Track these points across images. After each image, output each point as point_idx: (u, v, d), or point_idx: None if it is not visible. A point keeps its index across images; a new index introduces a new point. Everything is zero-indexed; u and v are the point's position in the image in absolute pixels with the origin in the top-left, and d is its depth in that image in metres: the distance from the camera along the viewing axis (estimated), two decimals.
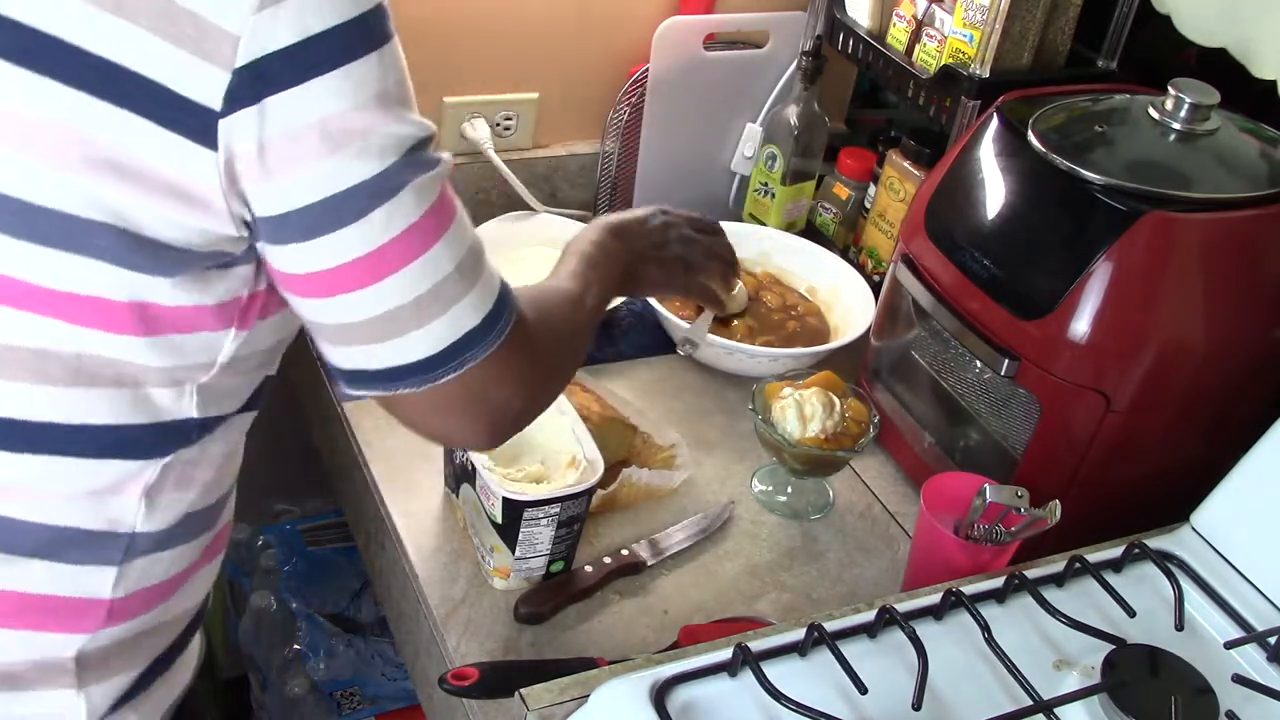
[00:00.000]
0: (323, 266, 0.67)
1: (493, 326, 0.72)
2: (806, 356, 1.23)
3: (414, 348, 0.70)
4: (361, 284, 0.67)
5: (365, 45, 0.64)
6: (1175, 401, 0.98)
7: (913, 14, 1.28)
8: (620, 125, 1.47)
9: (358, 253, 0.66)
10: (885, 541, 1.11)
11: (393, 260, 0.67)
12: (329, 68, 0.63)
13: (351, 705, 1.52)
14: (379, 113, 0.65)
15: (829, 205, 1.49)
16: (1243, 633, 0.85)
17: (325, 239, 0.66)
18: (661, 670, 0.73)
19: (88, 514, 0.72)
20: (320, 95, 0.63)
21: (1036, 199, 1.01)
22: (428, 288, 0.69)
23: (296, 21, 0.61)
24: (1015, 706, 0.75)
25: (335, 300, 0.68)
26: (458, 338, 0.71)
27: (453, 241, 0.70)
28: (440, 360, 0.70)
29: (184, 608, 0.83)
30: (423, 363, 0.70)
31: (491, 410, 0.74)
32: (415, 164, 0.67)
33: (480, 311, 0.72)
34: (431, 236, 0.68)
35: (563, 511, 0.94)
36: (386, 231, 0.66)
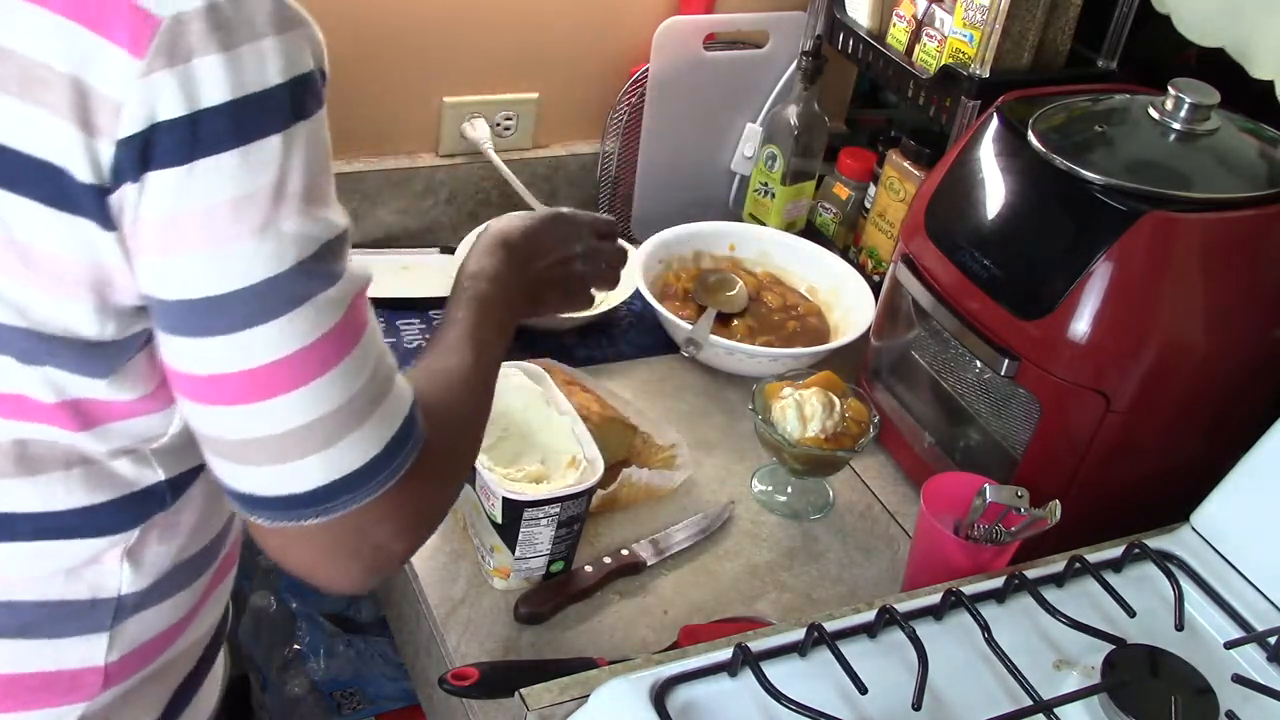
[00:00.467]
0: (204, 371, 0.60)
1: (389, 462, 0.64)
2: (806, 356, 1.23)
3: (301, 478, 0.62)
4: (243, 399, 0.60)
5: (273, 124, 0.56)
6: (1175, 401, 0.98)
7: (913, 14, 1.28)
8: (620, 125, 1.47)
9: (240, 365, 0.59)
10: (885, 541, 1.11)
11: (281, 381, 0.60)
12: (222, 148, 0.55)
13: (351, 705, 1.52)
14: (279, 205, 0.57)
15: (829, 205, 1.49)
16: (1243, 633, 0.85)
17: (209, 341, 0.59)
18: (661, 670, 0.73)
19: (67, 587, 0.67)
20: (209, 178, 0.55)
21: (1036, 199, 1.01)
22: (318, 415, 0.61)
23: (186, 91, 0.54)
24: (1015, 706, 0.75)
25: (213, 411, 0.61)
26: (348, 472, 0.63)
27: (353, 368, 0.62)
28: (326, 494, 0.62)
29: (195, 639, 0.79)
30: (308, 495, 0.62)
31: (373, 552, 0.66)
32: (318, 274, 0.59)
33: (376, 445, 0.64)
34: (331, 360, 0.61)
35: (563, 511, 0.94)
36: (275, 348, 0.59)
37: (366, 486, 0.63)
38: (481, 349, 0.80)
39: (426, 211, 1.44)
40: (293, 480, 0.62)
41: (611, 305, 1.30)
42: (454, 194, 1.45)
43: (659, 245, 1.35)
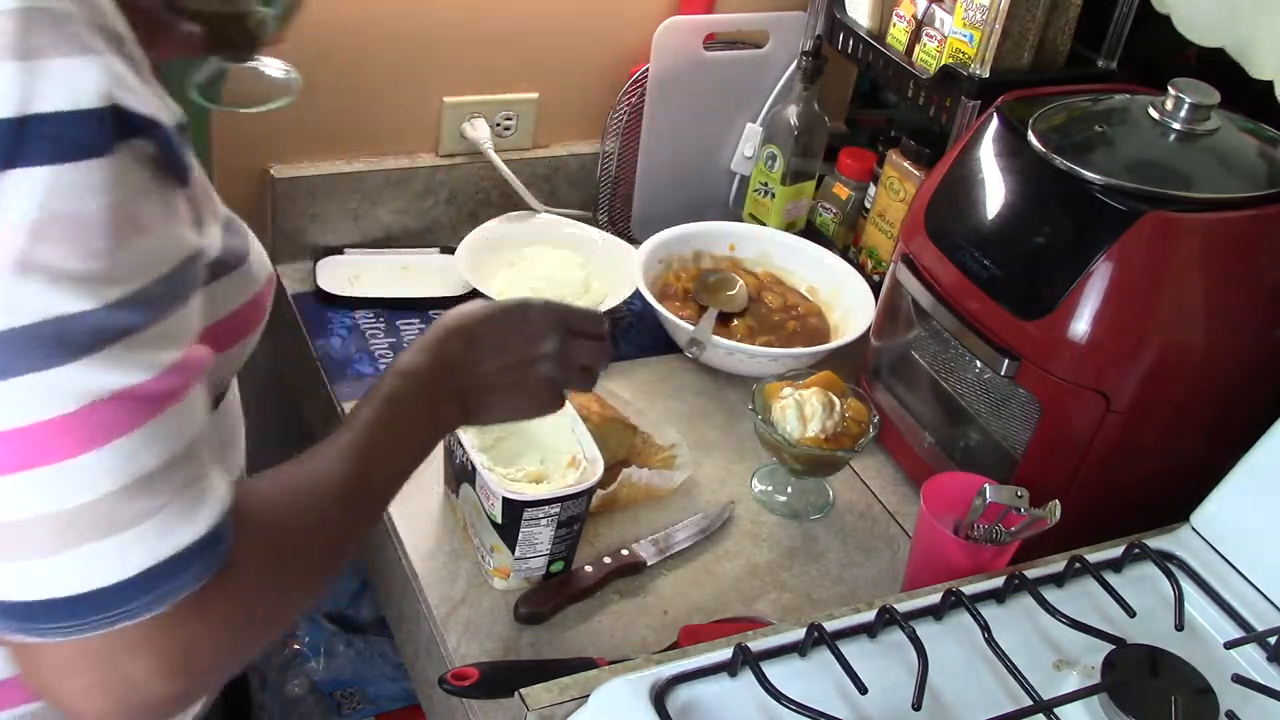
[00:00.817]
0: None
1: (158, 584, 0.53)
2: (806, 356, 1.23)
3: (35, 583, 0.52)
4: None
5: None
6: (1175, 401, 0.98)
7: (913, 14, 1.28)
8: (620, 125, 1.47)
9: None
10: (885, 541, 1.11)
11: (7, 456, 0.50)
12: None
13: (351, 705, 1.52)
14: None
15: (829, 205, 1.49)
16: (1243, 633, 0.85)
17: None
18: (661, 670, 0.73)
19: None
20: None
21: (1036, 199, 1.01)
22: (58, 508, 0.51)
23: None
24: (1015, 706, 0.75)
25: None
26: (96, 587, 0.52)
27: (110, 460, 0.51)
28: (65, 609, 0.51)
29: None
30: (39, 606, 0.52)
31: (125, 688, 0.54)
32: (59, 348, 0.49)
33: (140, 560, 0.53)
34: (70, 447, 0.50)
35: (563, 511, 0.94)
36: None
37: (123, 608, 0.52)
38: (375, 461, 0.69)
39: (426, 211, 1.44)
40: (23, 585, 0.52)
41: (611, 305, 1.30)
42: (454, 194, 1.45)
43: (659, 245, 1.35)
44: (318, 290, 1.30)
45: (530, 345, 0.80)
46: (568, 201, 1.51)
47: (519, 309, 0.81)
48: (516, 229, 1.40)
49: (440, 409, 0.76)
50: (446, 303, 1.31)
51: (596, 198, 1.52)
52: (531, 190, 1.45)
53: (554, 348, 0.80)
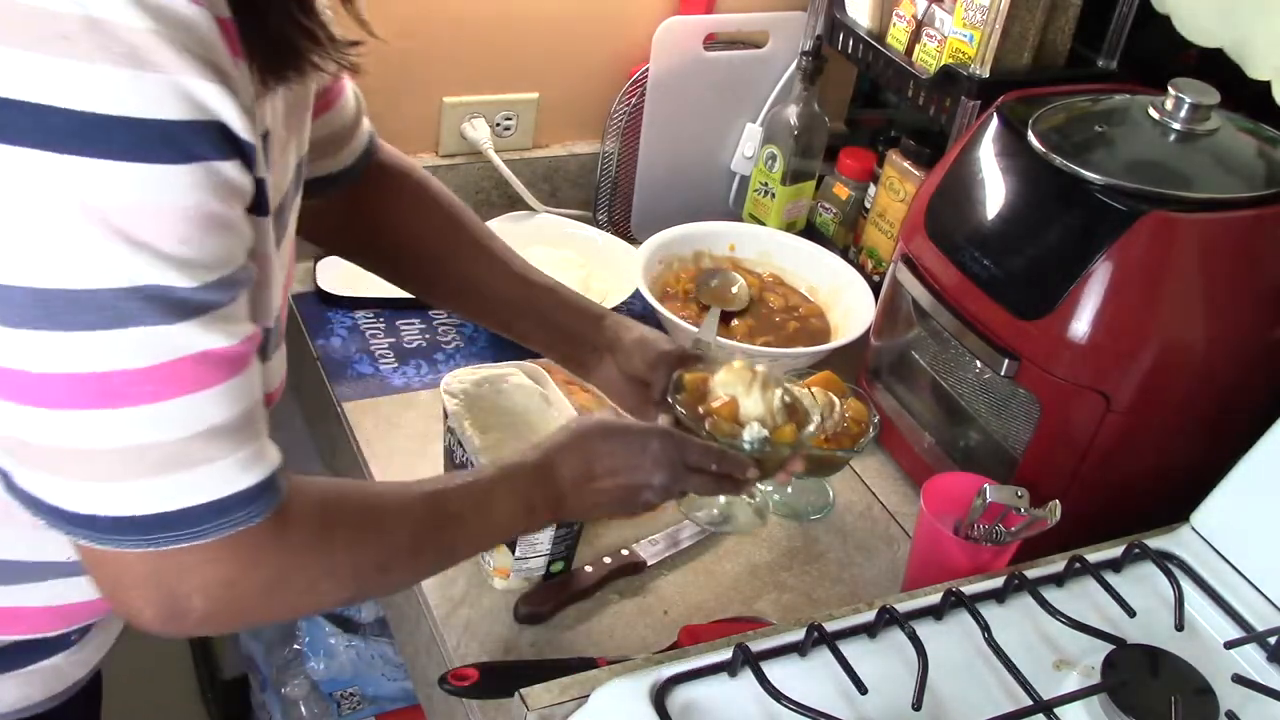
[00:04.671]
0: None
1: (215, 515, 0.62)
2: (806, 356, 1.23)
3: (111, 502, 0.60)
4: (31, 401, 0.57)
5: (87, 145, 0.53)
6: (1175, 401, 0.98)
7: (913, 14, 1.28)
8: (620, 125, 1.48)
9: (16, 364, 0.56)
10: (885, 541, 1.11)
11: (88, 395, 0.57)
12: (12, 139, 0.52)
13: (351, 705, 1.52)
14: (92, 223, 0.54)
15: (829, 205, 1.49)
16: (1243, 633, 0.85)
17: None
18: (661, 670, 0.73)
19: None
20: (25, 167, 0.52)
21: (1036, 199, 1.01)
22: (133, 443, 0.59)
23: (9, 74, 0.52)
24: (1015, 706, 0.75)
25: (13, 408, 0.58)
26: (172, 509, 0.60)
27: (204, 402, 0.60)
28: (120, 526, 0.60)
29: None
30: (95, 519, 0.60)
31: (172, 601, 0.63)
32: (148, 311, 0.57)
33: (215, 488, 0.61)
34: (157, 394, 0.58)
35: None
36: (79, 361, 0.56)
37: (182, 532, 0.61)
38: (450, 517, 0.77)
39: None
40: (106, 502, 0.60)
41: (612, 305, 1.30)
42: (454, 194, 1.45)
43: (659, 245, 1.35)
44: (318, 290, 1.30)
45: (642, 474, 0.85)
46: (568, 201, 1.51)
47: (643, 437, 0.85)
48: (516, 229, 1.40)
49: (536, 508, 0.82)
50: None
51: (596, 198, 1.52)
52: (531, 190, 1.45)
53: (663, 481, 0.85)
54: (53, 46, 0.51)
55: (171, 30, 0.53)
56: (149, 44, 0.53)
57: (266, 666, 1.56)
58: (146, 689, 1.75)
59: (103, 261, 0.55)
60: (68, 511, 0.60)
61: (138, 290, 0.56)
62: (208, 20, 0.55)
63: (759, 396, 0.92)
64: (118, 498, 0.59)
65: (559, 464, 0.82)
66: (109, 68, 0.52)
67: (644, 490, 0.85)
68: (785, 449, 0.92)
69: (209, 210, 0.57)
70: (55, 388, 0.56)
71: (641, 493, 0.85)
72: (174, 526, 0.61)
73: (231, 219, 0.59)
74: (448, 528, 0.77)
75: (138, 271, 0.55)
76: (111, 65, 0.52)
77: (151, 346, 0.57)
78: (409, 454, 1.10)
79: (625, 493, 0.85)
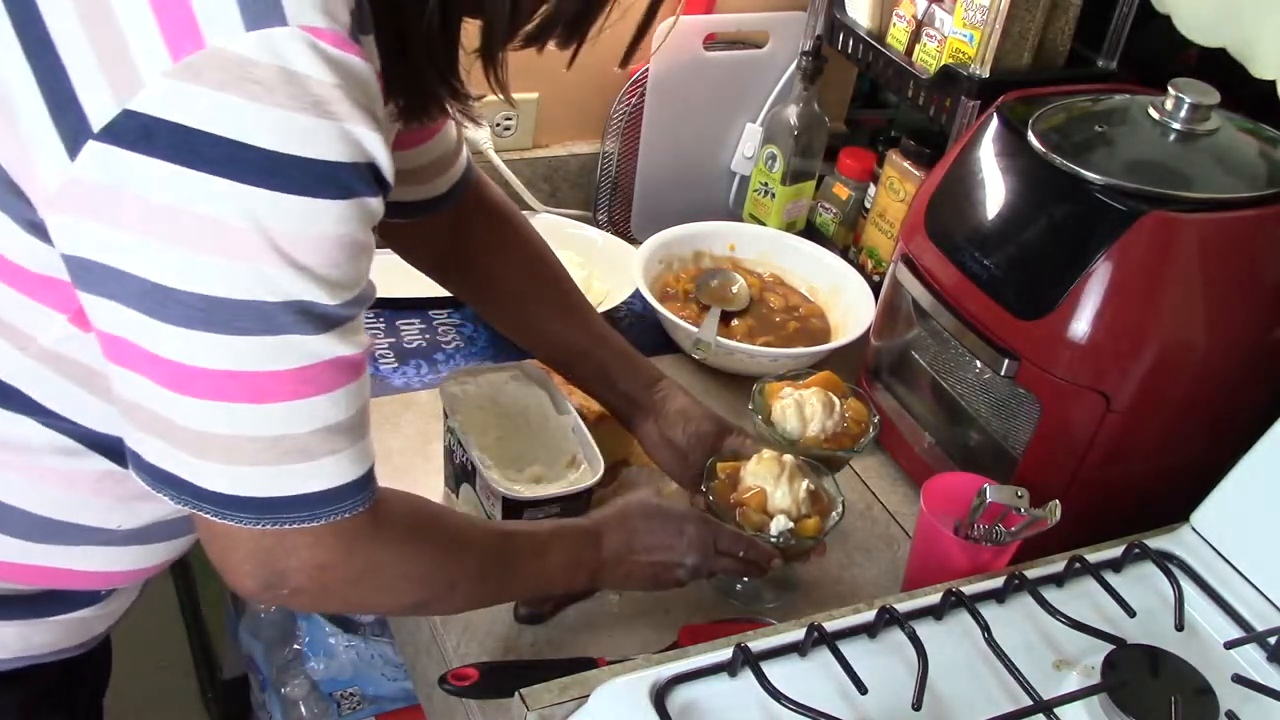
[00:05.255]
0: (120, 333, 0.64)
1: (321, 504, 0.69)
2: (806, 356, 1.23)
3: (234, 481, 0.67)
4: (159, 381, 0.64)
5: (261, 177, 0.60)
6: (1175, 401, 0.98)
7: (913, 14, 1.28)
8: (620, 125, 1.48)
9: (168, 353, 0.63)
10: (885, 541, 1.11)
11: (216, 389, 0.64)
12: (204, 166, 0.59)
13: (351, 705, 1.52)
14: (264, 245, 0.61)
15: (829, 205, 1.49)
16: (1243, 633, 0.85)
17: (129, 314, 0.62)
18: (661, 670, 0.73)
19: None
20: (208, 190, 0.60)
21: (1036, 199, 1.01)
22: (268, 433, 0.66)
23: (195, 107, 0.58)
24: (1015, 706, 0.75)
25: (125, 374, 0.65)
26: (287, 494, 0.67)
27: (329, 402, 0.67)
28: (244, 505, 0.67)
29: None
30: (222, 497, 0.67)
31: (273, 575, 0.70)
32: (299, 323, 0.64)
33: (329, 478, 0.68)
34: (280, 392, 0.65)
35: (563, 511, 0.94)
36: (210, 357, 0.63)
37: (293, 514, 0.68)
38: (508, 559, 0.83)
39: None
40: (230, 482, 0.67)
41: (612, 305, 1.31)
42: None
43: (659, 245, 1.35)
44: None
45: (676, 554, 0.91)
46: (568, 201, 1.51)
47: (680, 521, 0.92)
48: None
49: (580, 569, 0.88)
50: (446, 303, 1.31)
51: (596, 198, 1.53)
52: (531, 190, 1.45)
53: (695, 563, 0.92)
54: (250, 90, 0.58)
55: (349, 84, 0.61)
56: (333, 96, 0.60)
57: (266, 666, 1.56)
58: (147, 688, 1.76)
59: (267, 278, 0.62)
60: (200, 488, 0.67)
61: (292, 304, 0.63)
62: (372, 75, 0.63)
63: (787, 488, 0.97)
64: (247, 479, 0.66)
65: (605, 534, 0.89)
66: (296, 115, 0.59)
67: (676, 569, 0.92)
68: (809, 542, 0.97)
69: (355, 238, 0.64)
70: (210, 381, 0.63)
71: (674, 570, 0.92)
72: (289, 509, 0.68)
73: (368, 244, 0.67)
74: (510, 565, 0.84)
75: (294, 289, 0.63)
76: (298, 112, 0.59)
77: (297, 353, 0.64)
78: (408, 454, 1.10)
79: (659, 569, 0.91)
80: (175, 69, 0.58)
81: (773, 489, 0.97)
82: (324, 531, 0.70)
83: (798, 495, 0.97)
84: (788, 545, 0.95)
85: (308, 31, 0.59)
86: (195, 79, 0.58)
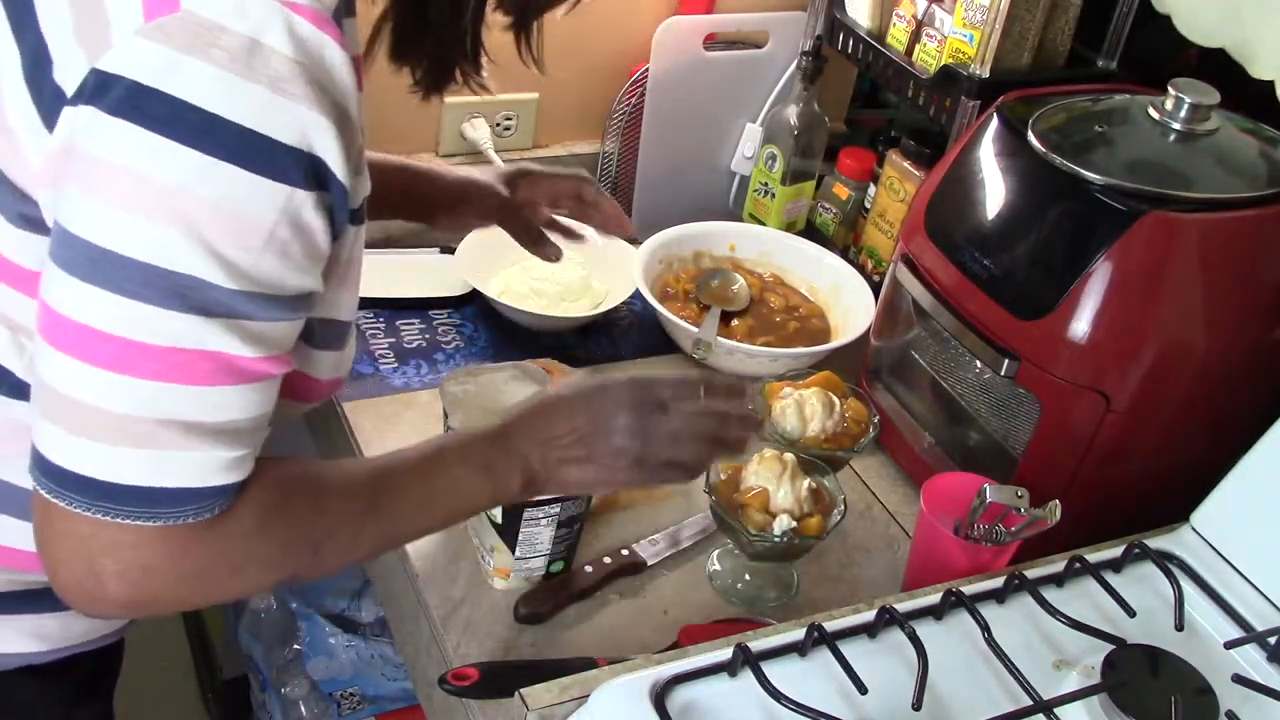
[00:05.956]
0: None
1: (150, 503, 0.64)
2: (806, 356, 1.23)
3: (72, 455, 0.63)
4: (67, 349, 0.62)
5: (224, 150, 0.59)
6: (1175, 401, 0.98)
7: (913, 14, 1.28)
8: (620, 125, 1.48)
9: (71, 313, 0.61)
10: (885, 541, 1.11)
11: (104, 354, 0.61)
12: (146, 123, 0.58)
13: (351, 705, 1.52)
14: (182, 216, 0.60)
15: (829, 205, 1.49)
16: (1243, 633, 0.85)
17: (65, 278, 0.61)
18: (661, 670, 0.73)
19: None
20: (143, 145, 0.59)
21: (1036, 199, 1.01)
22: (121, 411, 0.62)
23: (152, 64, 0.58)
24: (1015, 706, 0.75)
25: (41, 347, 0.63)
26: (114, 480, 0.63)
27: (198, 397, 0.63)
28: (78, 484, 0.63)
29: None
30: (57, 470, 0.63)
31: (88, 575, 0.65)
32: (182, 298, 0.61)
33: (174, 477, 0.64)
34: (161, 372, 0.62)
35: (563, 511, 0.94)
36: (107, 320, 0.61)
37: (131, 508, 0.63)
38: (393, 493, 0.76)
39: None
40: (69, 455, 0.63)
41: (612, 305, 1.31)
42: None
43: (659, 245, 1.35)
44: None
45: (599, 419, 0.81)
46: None
47: (599, 383, 0.84)
48: None
49: (493, 469, 0.79)
50: (446, 303, 1.31)
51: None
52: None
53: (625, 422, 0.81)
54: (212, 55, 0.58)
55: (313, 66, 0.60)
56: (291, 75, 0.59)
57: (266, 666, 1.56)
58: (147, 688, 1.75)
59: (165, 242, 0.60)
60: (39, 454, 0.64)
61: (180, 276, 0.60)
62: (344, 62, 0.62)
63: (789, 487, 0.96)
64: (86, 454, 0.62)
65: (515, 427, 0.81)
66: (250, 85, 0.59)
67: (613, 438, 0.81)
68: (812, 541, 0.97)
69: (275, 230, 0.61)
70: (77, 336, 0.61)
71: (610, 439, 0.81)
72: (124, 500, 0.63)
73: (292, 251, 0.63)
74: (390, 500, 0.76)
75: (188, 260, 0.60)
76: (252, 83, 0.59)
77: (171, 331, 0.61)
78: None
79: (600, 450, 0.81)
80: (146, 29, 0.58)
81: (775, 488, 0.96)
82: (153, 534, 0.65)
83: (800, 494, 0.97)
84: (791, 544, 0.95)
85: (286, 6, 0.59)
86: (161, 39, 0.58)
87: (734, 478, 0.99)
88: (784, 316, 1.34)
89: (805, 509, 0.97)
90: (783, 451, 0.99)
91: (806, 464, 1.00)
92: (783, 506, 0.96)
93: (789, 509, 0.96)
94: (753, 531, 0.94)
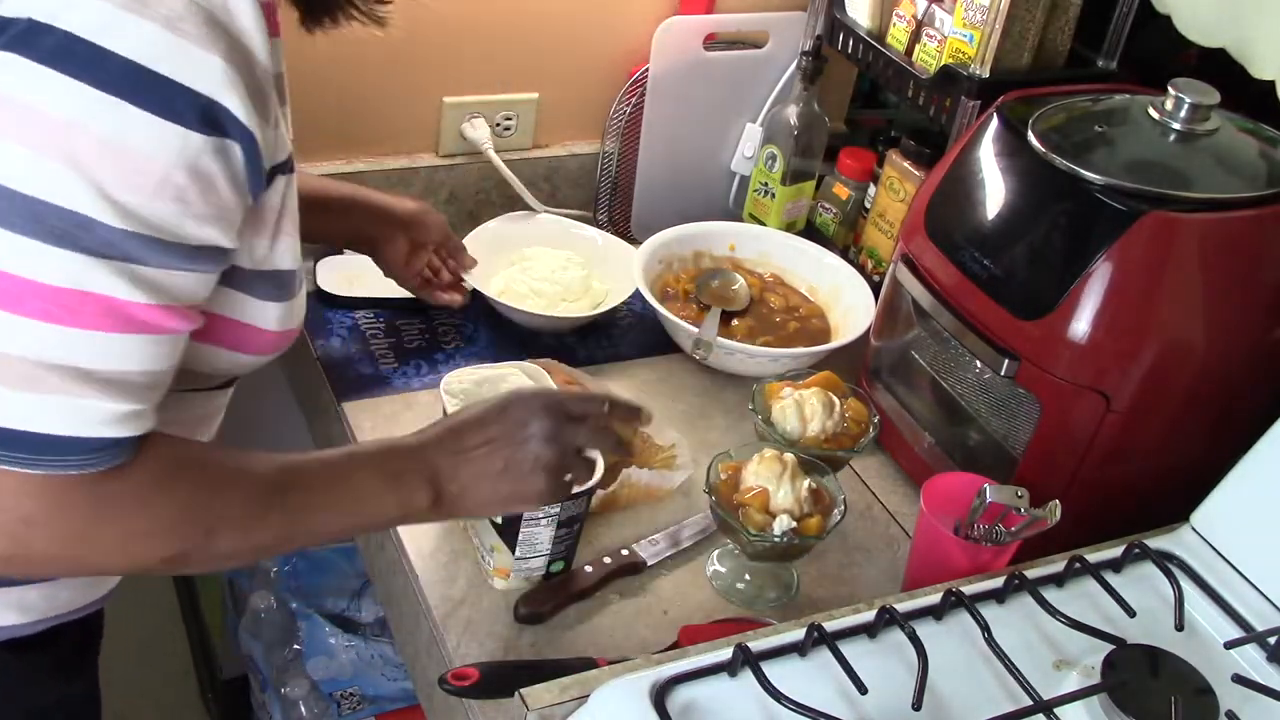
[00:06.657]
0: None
1: (32, 448, 0.62)
2: (806, 356, 1.23)
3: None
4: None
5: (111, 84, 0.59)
6: (1175, 401, 0.98)
7: (913, 14, 1.28)
8: (620, 125, 1.48)
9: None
10: (885, 541, 1.11)
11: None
12: (37, 57, 0.59)
13: (351, 705, 1.52)
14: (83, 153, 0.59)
15: (829, 205, 1.49)
16: (1243, 633, 0.85)
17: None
18: (661, 670, 0.73)
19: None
20: (32, 77, 0.59)
21: (1036, 199, 1.01)
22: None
23: (58, 6, 0.59)
24: (1015, 706, 0.75)
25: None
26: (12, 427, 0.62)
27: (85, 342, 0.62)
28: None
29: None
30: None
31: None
32: (70, 236, 0.60)
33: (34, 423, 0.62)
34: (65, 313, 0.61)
35: (563, 511, 0.94)
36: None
37: (17, 453, 0.62)
38: (297, 492, 0.74)
39: None
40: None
41: (612, 305, 1.31)
42: (454, 194, 1.45)
43: (659, 245, 1.35)
44: (318, 290, 1.30)
45: (514, 428, 0.81)
46: (568, 201, 1.51)
47: (507, 397, 0.83)
48: (516, 229, 1.40)
49: (403, 480, 0.78)
50: None
51: (596, 198, 1.53)
52: (531, 190, 1.45)
53: (540, 429, 0.81)
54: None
55: (211, 6, 0.60)
56: (186, 14, 0.59)
57: (266, 666, 1.56)
58: (147, 689, 1.75)
59: (54, 176, 0.59)
60: None
61: (67, 213, 0.59)
62: (250, 4, 0.61)
63: (789, 487, 0.96)
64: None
65: (431, 440, 0.81)
66: (142, 21, 0.59)
67: (524, 445, 0.81)
68: (812, 541, 0.96)
69: (168, 174, 0.61)
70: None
71: (524, 449, 0.81)
72: (7, 445, 0.62)
73: (189, 197, 0.62)
74: (296, 499, 0.74)
75: (76, 198, 0.59)
76: (145, 20, 0.59)
77: (60, 269, 0.60)
78: None
79: (509, 460, 0.81)
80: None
81: (775, 488, 0.96)
82: (34, 481, 0.63)
83: (800, 494, 0.97)
84: (791, 544, 0.95)
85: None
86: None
87: (734, 478, 0.99)
88: (784, 316, 1.34)
89: (805, 509, 0.97)
90: (783, 451, 0.99)
91: (806, 464, 1.00)
92: (783, 506, 0.96)
93: (789, 509, 0.96)
94: (753, 531, 0.94)
